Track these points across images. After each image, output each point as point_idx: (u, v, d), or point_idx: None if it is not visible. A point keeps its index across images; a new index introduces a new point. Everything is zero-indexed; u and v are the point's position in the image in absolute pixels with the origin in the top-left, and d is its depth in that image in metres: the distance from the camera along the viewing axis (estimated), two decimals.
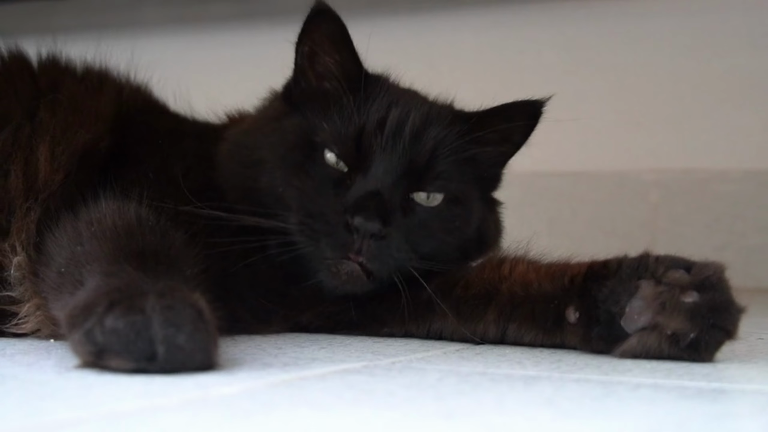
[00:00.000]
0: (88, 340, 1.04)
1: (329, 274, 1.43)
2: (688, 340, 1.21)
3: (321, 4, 1.50)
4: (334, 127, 1.48)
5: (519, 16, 2.91)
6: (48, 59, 1.69)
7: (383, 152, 1.46)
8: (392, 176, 1.45)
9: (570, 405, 0.95)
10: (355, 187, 1.44)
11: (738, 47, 2.72)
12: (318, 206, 1.43)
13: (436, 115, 1.52)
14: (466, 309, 1.44)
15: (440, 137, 1.49)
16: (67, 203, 1.39)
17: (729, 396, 1.01)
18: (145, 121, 1.64)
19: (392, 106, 1.50)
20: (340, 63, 1.52)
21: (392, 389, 1.02)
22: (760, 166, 2.68)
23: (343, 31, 1.51)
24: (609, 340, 1.28)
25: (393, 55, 1.50)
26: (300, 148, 1.48)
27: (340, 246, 1.41)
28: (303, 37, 1.53)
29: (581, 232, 2.68)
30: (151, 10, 3.23)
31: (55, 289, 1.24)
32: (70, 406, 0.92)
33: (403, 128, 1.47)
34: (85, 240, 1.25)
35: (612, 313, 1.27)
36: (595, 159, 2.74)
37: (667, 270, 1.24)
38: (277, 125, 1.53)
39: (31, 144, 1.50)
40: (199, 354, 1.05)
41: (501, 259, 1.49)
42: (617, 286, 1.27)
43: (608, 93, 2.82)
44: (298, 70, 1.56)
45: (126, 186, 1.39)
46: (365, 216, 1.39)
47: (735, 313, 1.23)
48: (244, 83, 1.86)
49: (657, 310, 1.22)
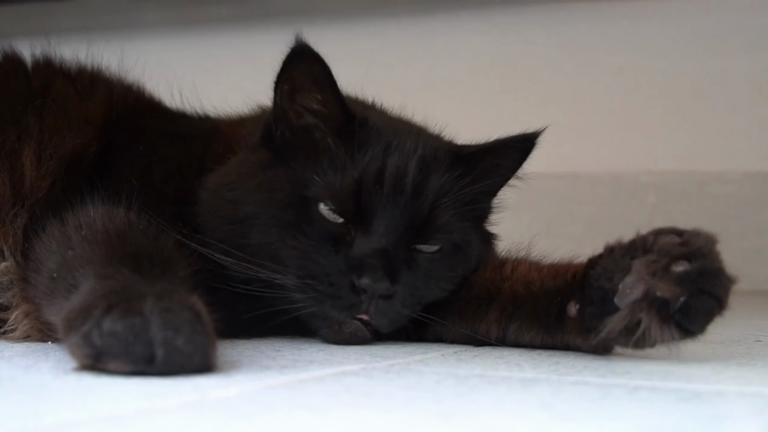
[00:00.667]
0: (85, 343, 1.03)
1: (332, 332, 1.39)
2: (678, 304, 1.19)
3: (301, 45, 1.41)
4: (327, 179, 1.40)
5: (517, 18, 2.91)
6: (42, 60, 1.68)
7: (384, 207, 1.39)
8: (396, 232, 1.39)
9: (567, 407, 0.95)
10: (358, 244, 1.38)
11: (735, 49, 2.72)
12: (319, 266, 1.37)
13: (433, 160, 1.45)
14: (467, 309, 1.44)
15: (440, 187, 1.43)
16: (54, 209, 1.37)
17: (727, 398, 1.01)
18: (134, 125, 1.62)
19: (388, 153, 1.42)
20: (323, 105, 1.44)
21: (390, 391, 1.02)
22: (757, 168, 2.69)
23: (325, 72, 1.42)
24: (601, 316, 1.26)
25: (392, 57, 1.50)
26: (293, 206, 1.40)
27: (347, 308, 1.36)
28: (282, 76, 1.44)
29: (579, 233, 2.68)
30: (149, 11, 3.23)
31: (47, 294, 1.23)
32: (68, 408, 0.92)
33: (403, 181, 1.41)
34: (76, 244, 1.25)
35: (605, 289, 1.25)
36: (592, 161, 2.74)
37: (656, 237, 1.24)
38: (263, 178, 1.44)
39: (15, 149, 1.49)
40: (198, 356, 1.04)
41: (502, 260, 1.49)
42: (610, 264, 1.26)
43: (606, 95, 2.82)
44: (278, 110, 1.47)
45: (112, 192, 1.37)
46: (373, 277, 1.34)
47: (726, 281, 1.21)
48: (242, 84, 1.85)
49: (647, 279, 1.20)
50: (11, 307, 1.40)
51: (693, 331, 1.21)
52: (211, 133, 1.62)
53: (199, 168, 1.52)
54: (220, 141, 1.59)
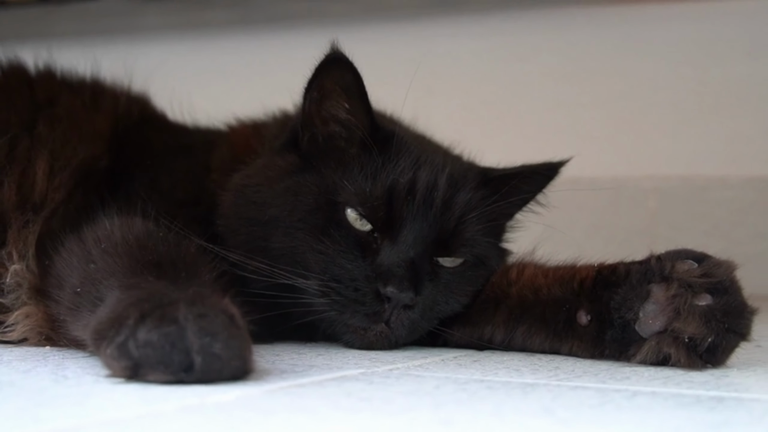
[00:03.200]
0: (122, 355, 1.02)
1: (356, 336, 1.39)
2: (705, 345, 1.22)
3: (336, 53, 1.40)
4: (358, 186, 1.40)
5: (518, 23, 2.91)
6: (44, 72, 1.68)
7: (414, 219, 1.40)
8: (423, 244, 1.40)
9: (567, 413, 0.95)
10: (385, 252, 1.38)
11: (736, 55, 2.72)
12: (345, 271, 1.37)
13: (462, 179, 1.47)
14: (474, 313, 1.45)
15: (467, 203, 1.45)
16: (70, 224, 1.37)
17: (727, 404, 1.01)
18: (139, 139, 1.62)
19: (419, 167, 1.44)
20: (352, 114, 1.44)
21: (390, 396, 1.02)
22: (758, 173, 2.68)
23: (357, 82, 1.42)
24: (623, 342, 1.29)
25: (392, 61, 1.49)
26: (321, 210, 1.41)
27: (370, 315, 1.36)
28: (313, 82, 1.44)
29: (579, 238, 2.67)
30: (151, 16, 3.23)
31: (72, 309, 1.22)
32: (68, 413, 0.92)
33: (433, 194, 1.42)
34: (97, 257, 1.23)
35: (626, 319, 1.28)
36: (593, 165, 2.73)
37: (674, 264, 1.26)
38: (291, 182, 1.44)
39: (29, 156, 1.50)
40: (236, 361, 1.03)
41: (508, 265, 1.50)
42: (629, 293, 1.28)
43: (606, 99, 2.82)
44: (306, 117, 1.47)
45: (123, 205, 1.36)
46: (399, 286, 1.35)
47: (748, 315, 1.25)
48: (243, 88, 1.86)
49: (672, 315, 1.23)
50: (13, 309, 1.40)
51: (716, 363, 1.24)
52: (215, 139, 1.63)
53: (205, 171, 1.54)
54: (227, 145, 1.60)
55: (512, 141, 2.73)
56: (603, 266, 1.35)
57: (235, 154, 1.55)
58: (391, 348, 1.40)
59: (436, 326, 1.44)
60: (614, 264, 1.34)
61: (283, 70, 1.57)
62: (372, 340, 1.38)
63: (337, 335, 1.41)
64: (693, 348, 1.23)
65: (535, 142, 1.63)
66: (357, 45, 1.45)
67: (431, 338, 1.46)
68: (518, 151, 1.76)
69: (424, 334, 1.44)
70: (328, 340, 1.44)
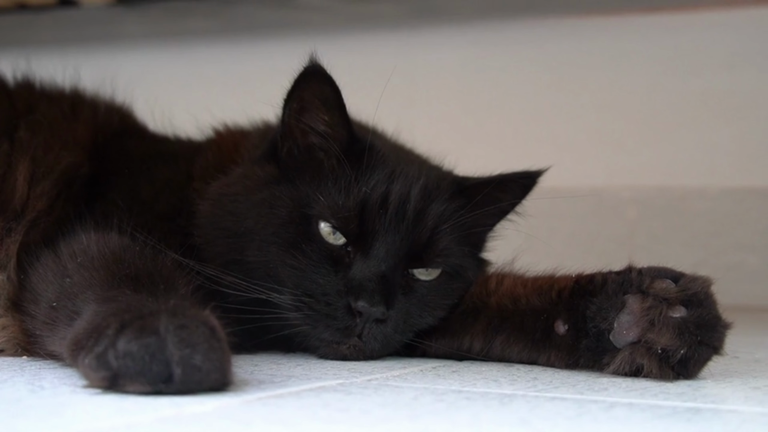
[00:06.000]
0: (100, 365, 1.01)
1: (329, 350, 1.38)
2: (678, 357, 1.23)
3: (314, 65, 1.40)
4: (331, 199, 1.40)
5: (499, 34, 2.92)
6: (23, 81, 1.67)
7: (386, 232, 1.39)
8: (395, 258, 1.39)
9: (544, 425, 0.95)
10: (357, 266, 1.37)
11: (715, 67, 2.74)
12: (317, 285, 1.37)
13: (435, 189, 1.46)
14: (453, 323, 1.45)
15: (441, 213, 1.44)
16: (47, 237, 1.36)
17: (703, 415, 1.01)
18: (119, 148, 1.61)
19: (392, 179, 1.43)
20: (330, 126, 1.43)
21: (367, 408, 1.02)
22: (736, 184, 2.70)
23: (335, 94, 1.42)
24: (597, 351, 1.30)
25: (374, 71, 1.49)
26: (294, 223, 1.40)
27: (342, 329, 1.36)
28: (292, 95, 1.44)
29: (559, 248, 2.68)
30: (131, 24, 3.22)
31: (48, 324, 1.21)
32: (44, 424, 0.91)
33: (406, 207, 1.41)
34: (73, 272, 1.23)
35: (601, 329, 1.29)
36: (573, 176, 2.74)
37: (652, 281, 1.26)
38: (267, 194, 1.43)
39: (9, 161, 1.48)
40: (215, 373, 1.02)
41: (487, 275, 1.50)
42: (604, 302, 1.29)
43: (586, 110, 2.83)
44: (285, 128, 1.46)
45: (102, 217, 1.36)
46: (370, 301, 1.34)
47: (722, 329, 1.25)
48: (224, 96, 1.85)
49: (646, 327, 1.24)
50: None
51: (688, 376, 1.25)
52: (199, 147, 1.62)
53: (187, 179, 1.52)
54: (209, 153, 1.58)
55: (493, 151, 2.74)
56: (581, 276, 1.36)
57: (221, 159, 1.54)
58: (366, 359, 1.40)
59: (413, 338, 1.43)
60: (592, 273, 1.35)
61: (264, 79, 1.56)
62: (345, 353, 1.38)
63: (312, 348, 1.41)
64: (665, 359, 1.23)
65: (516, 152, 1.63)
66: (338, 54, 1.45)
67: (409, 349, 1.46)
68: (499, 161, 1.75)
69: (400, 346, 1.43)
70: (307, 351, 1.44)
